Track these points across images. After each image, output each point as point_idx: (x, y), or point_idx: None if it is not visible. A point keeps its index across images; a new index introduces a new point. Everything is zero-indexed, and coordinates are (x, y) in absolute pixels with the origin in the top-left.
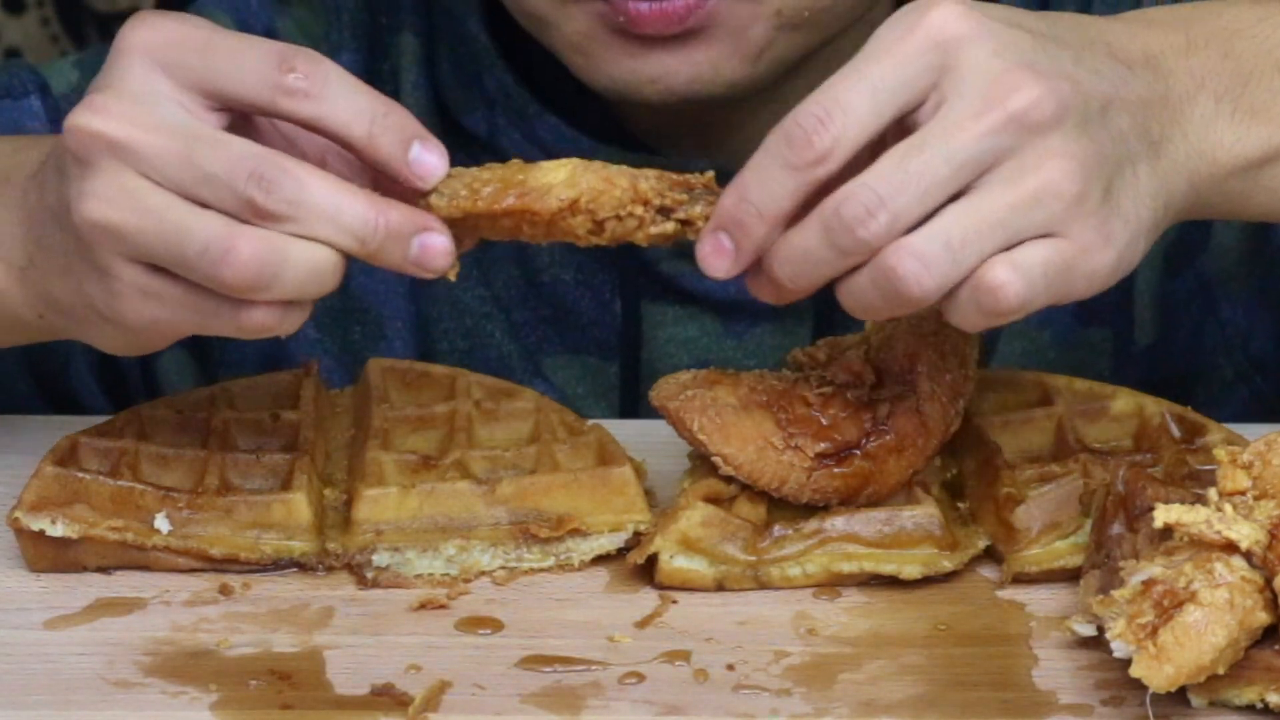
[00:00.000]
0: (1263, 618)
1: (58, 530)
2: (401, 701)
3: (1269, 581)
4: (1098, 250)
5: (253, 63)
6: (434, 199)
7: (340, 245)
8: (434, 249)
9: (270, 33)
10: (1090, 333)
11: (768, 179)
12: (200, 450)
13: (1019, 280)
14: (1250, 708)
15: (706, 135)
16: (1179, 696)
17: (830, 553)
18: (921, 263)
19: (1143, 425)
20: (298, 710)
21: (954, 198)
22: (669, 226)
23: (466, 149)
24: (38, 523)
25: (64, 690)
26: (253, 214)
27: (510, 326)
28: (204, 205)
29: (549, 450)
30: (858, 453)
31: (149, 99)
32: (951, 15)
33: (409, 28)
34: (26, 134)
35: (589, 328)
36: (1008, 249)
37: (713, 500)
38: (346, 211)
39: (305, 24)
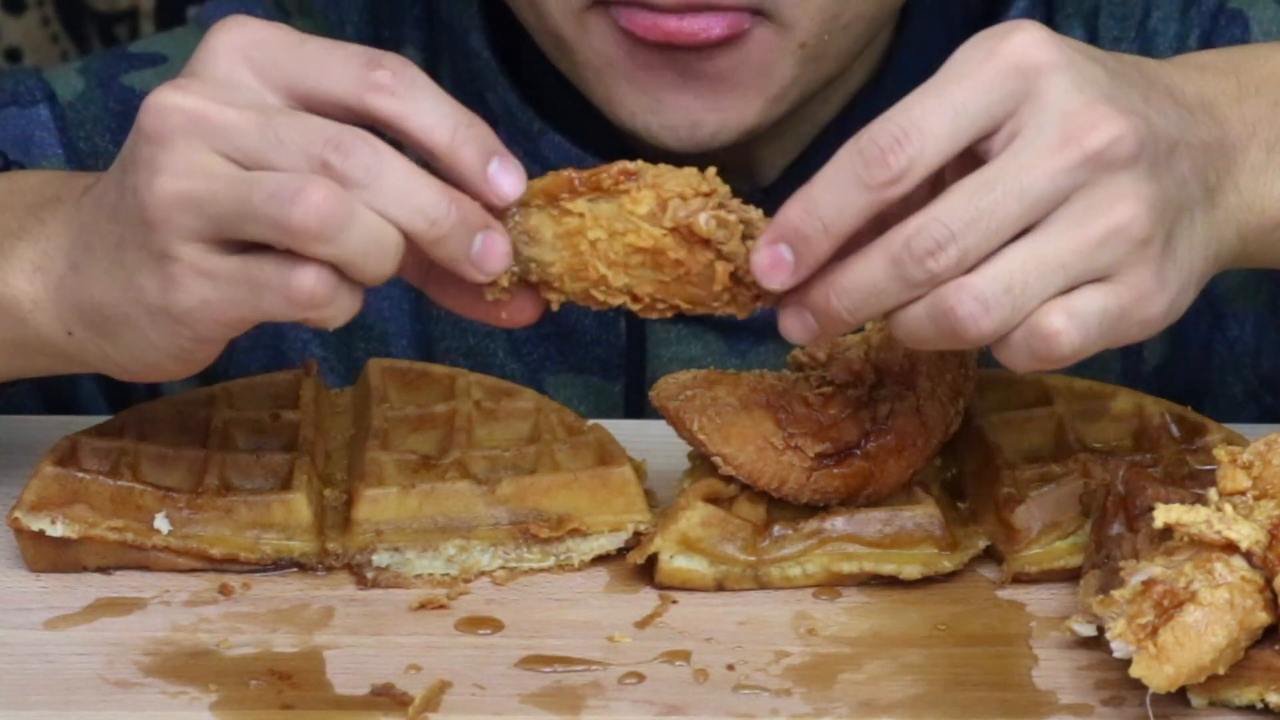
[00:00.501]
0: (1263, 618)
1: (58, 530)
2: (401, 701)
3: (1269, 581)
4: (1154, 297)
5: (341, 60)
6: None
7: (408, 225)
8: (495, 249)
9: None
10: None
11: (839, 195)
12: (200, 450)
13: (1075, 329)
14: (1250, 708)
15: (725, 156)
16: (1179, 696)
17: (830, 553)
18: (982, 305)
19: (1143, 425)
20: (298, 710)
21: (1020, 231)
22: (731, 216)
23: None
24: (38, 523)
25: (64, 690)
26: (327, 174)
27: (512, 344)
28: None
29: (549, 450)
30: (858, 453)
31: (232, 86)
32: (1035, 41)
33: (411, 43)
34: (36, 143)
35: (592, 346)
36: (1066, 291)
37: (713, 500)
38: (421, 191)
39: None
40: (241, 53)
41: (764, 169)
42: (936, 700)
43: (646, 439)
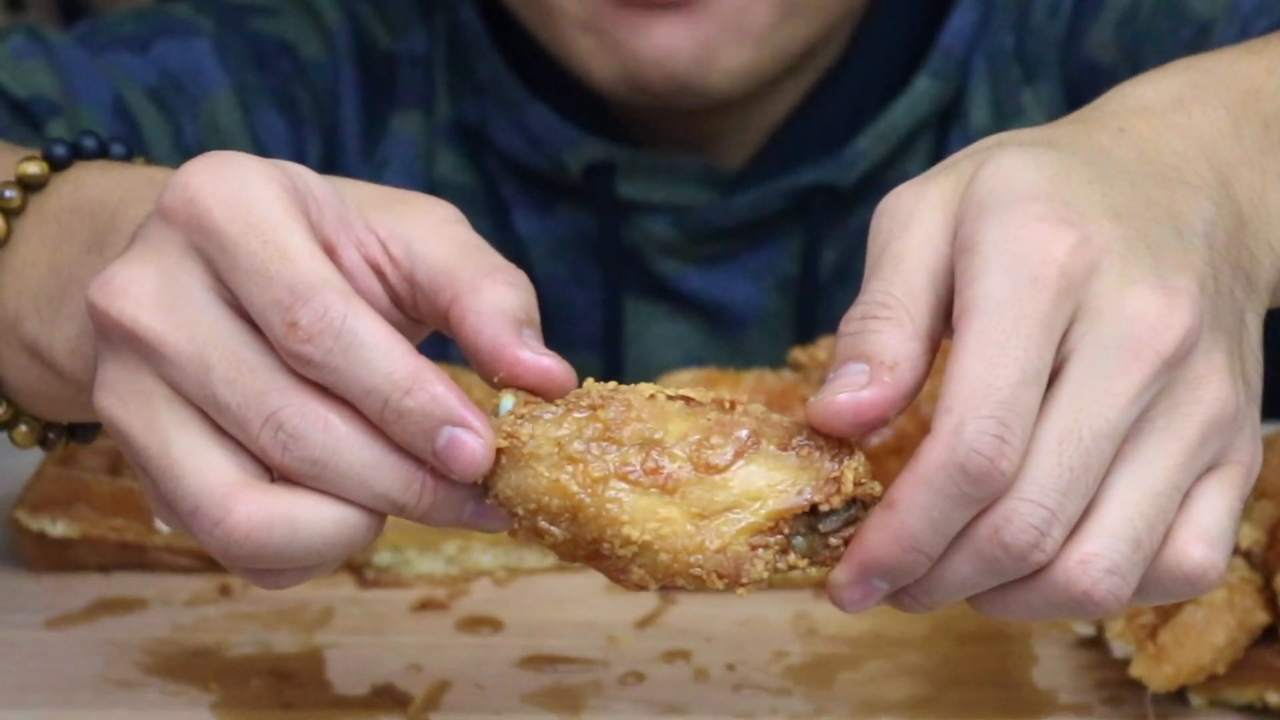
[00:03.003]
0: (1262, 618)
1: (58, 530)
2: (401, 701)
3: (1269, 581)
4: (1257, 454)
5: (262, 298)
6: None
7: (373, 507)
8: (488, 517)
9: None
10: None
11: (941, 520)
12: None
13: (1218, 554)
14: (1250, 708)
15: (698, 133)
16: (1179, 696)
17: None
18: (1119, 576)
19: None
20: (298, 710)
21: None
22: (791, 558)
23: (463, 140)
24: (38, 523)
25: (64, 690)
26: (267, 460)
27: None
28: (221, 430)
29: None
30: None
31: (178, 283)
32: (1073, 248)
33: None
34: (205, 73)
35: (577, 321)
36: (1183, 505)
37: None
38: (385, 473)
39: None
40: (189, 237)
41: (726, 158)
42: (936, 700)
43: None
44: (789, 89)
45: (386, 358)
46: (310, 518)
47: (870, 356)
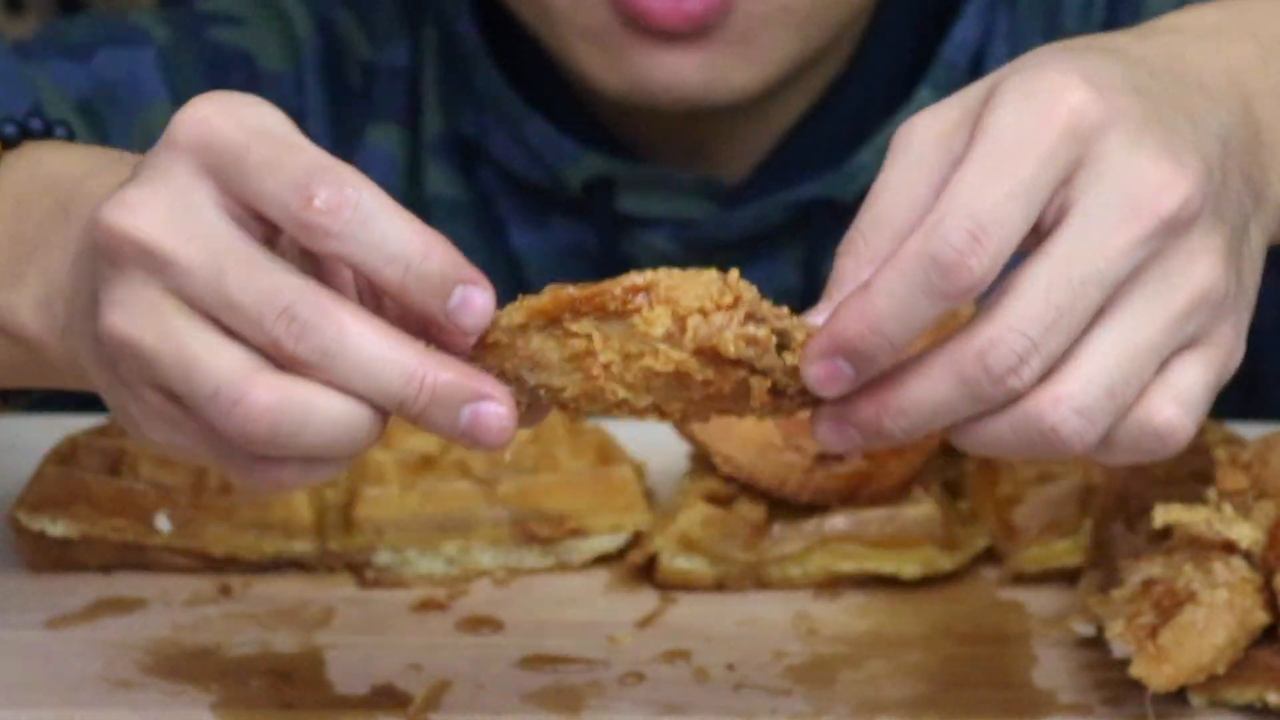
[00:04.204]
0: (1262, 618)
1: (58, 530)
2: (401, 701)
3: (1269, 581)
4: (1238, 344)
5: (276, 184)
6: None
7: (378, 403)
8: (487, 420)
9: None
10: None
11: (906, 305)
12: None
13: (1188, 416)
14: (1250, 707)
15: (695, 143)
16: (1179, 696)
17: (830, 552)
18: (1087, 420)
19: None
20: (298, 710)
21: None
22: (762, 331)
23: (455, 154)
24: (38, 523)
25: (64, 690)
26: (279, 356)
27: None
28: (232, 332)
29: (549, 450)
30: (858, 453)
31: (189, 202)
32: (1087, 99)
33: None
34: (145, 84)
35: None
36: (1160, 371)
37: (713, 500)
38: (389, 367)
39: None
40: (199, 157)
41: (727, 171)
42: (936, 700)
43: (646, 439)
44: (791, 101)
45: (403, 227)
46: (322, 405)
47: (829, 291)
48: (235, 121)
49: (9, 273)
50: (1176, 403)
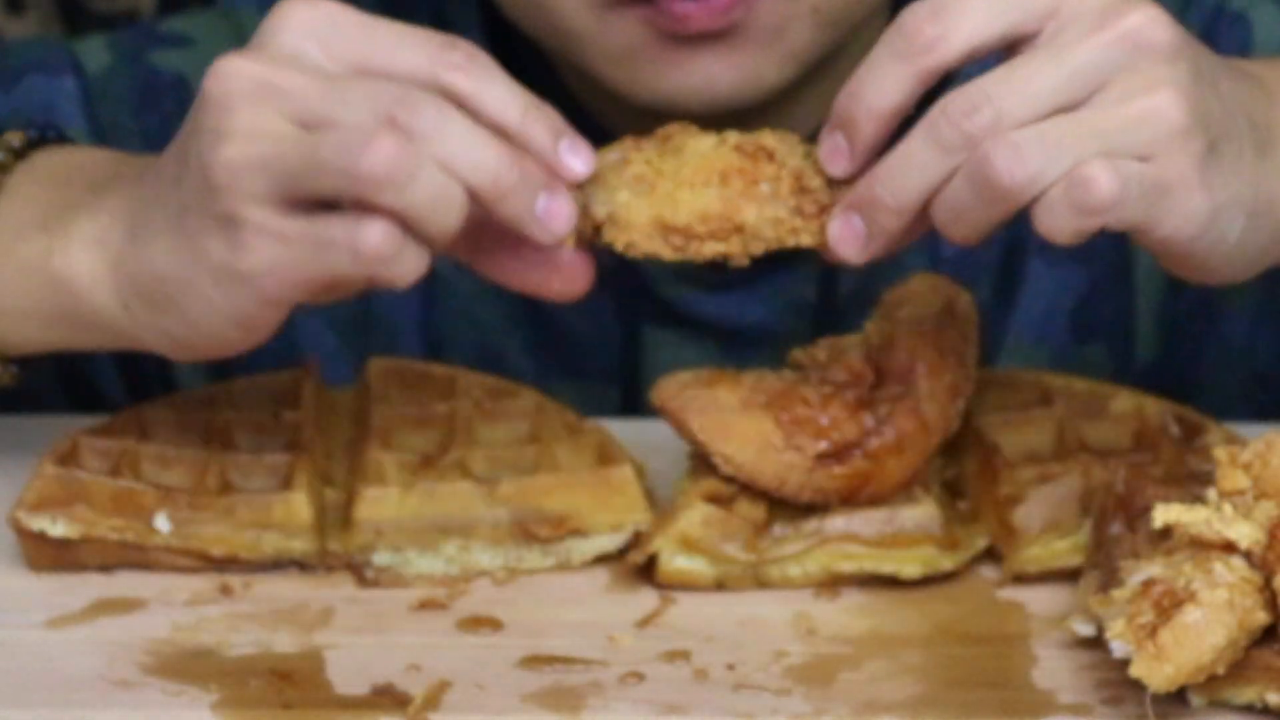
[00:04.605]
0: (1262, 618)
1: (58, 530)
2: (401, 701)
3: (1268, 581)
4: (1196, 189)
5: (415, 41)
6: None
7: (473, 179)
8: (561, 208)
9: None
10: (1087, 350)
11: (880, 72)
12: (200, 450)
13: (1115, 176)
14: (1250, 707)
15: None
16: (1179, 696)
17: (830, 552)
18: (1016, 152)
19: (1143, 425)
20: (298, 710)
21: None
22: (792, 136)
23: None
24: (38, 523)
25: (64, 690)
26: (392, 128)
27: (506, 350)
28: None
29: (549, 450)
30: (858, 453)
31: (298, 57)
32: None
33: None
34: (60, 114)
35: (590, 352)
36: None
37: (713, 500)
38: (486, 148)
39: None
40: (310, 28)
41: None
42: (936, 700)
43: (646, 439)
44: (809, 104)
45: (515, 86)
46: (430, 166)
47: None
48: (348, 9)
49: (57, 228)
50: (1107, 164)
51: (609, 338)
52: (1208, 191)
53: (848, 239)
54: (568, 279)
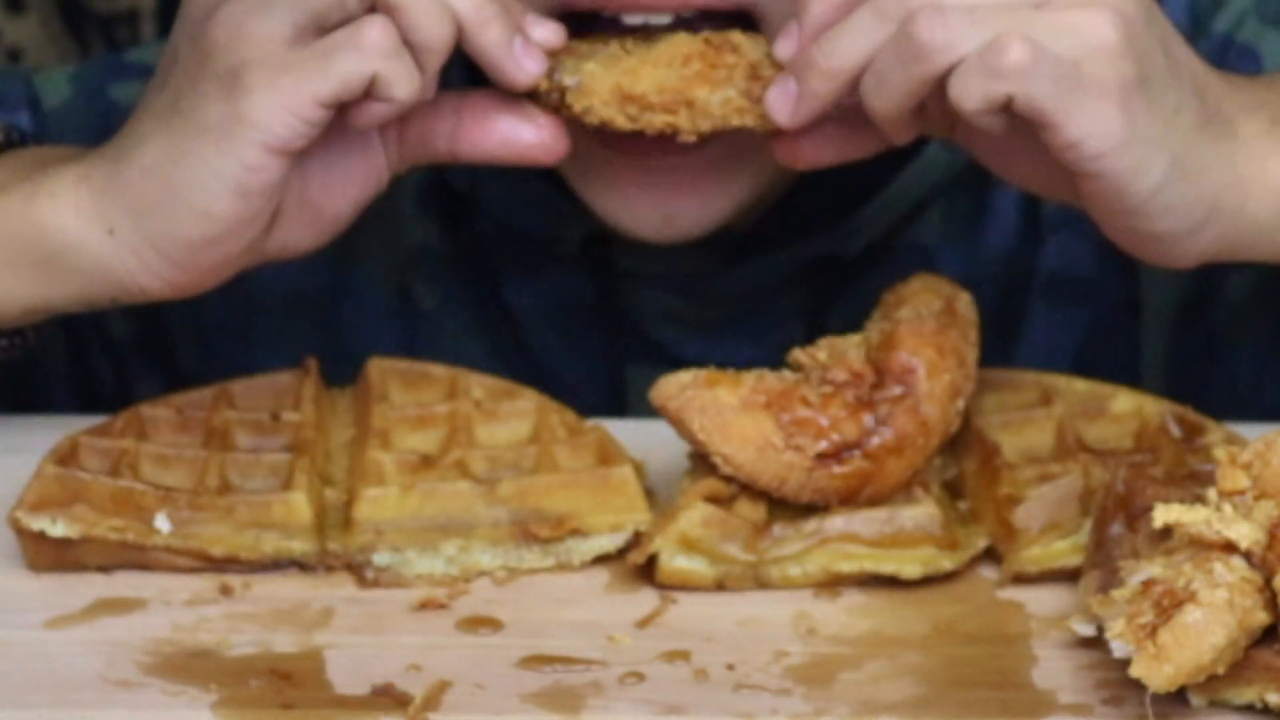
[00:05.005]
0: (1262, 618)
1: (58, 530)
2: (401, 701)
3: (1269, 581)
4: (1113, 103)
5: None
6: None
7: (457, 3)
8: (533, 51)
9: None
10: None
11: None
12: (200, 450)
13: (1029, 49)
14: (1250, 707)
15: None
16: (1179, 696)
17: (830, 552)
18: (941, 15)
19: (1143, 425)
20: (298, 710)
21: None
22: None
23: (443, 206)
24: (38, 523)
25: (64, 690)
26: None
27: None
28: None
29: (549, 450)
30: (858, 453)
31: None
32: None
33: None
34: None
35: (575, 391)
36: None
37: (713, 500)
38: None
39: None
40: None
41: (734, 224)
42: (936, 700)
43: (646, 439)
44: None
45: None
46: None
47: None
48: None
49: (39, 176)
50: (1027, 42)
51: (595, 377)
52: (1126, 113)
53: (779, 100)
54: (548, 140)
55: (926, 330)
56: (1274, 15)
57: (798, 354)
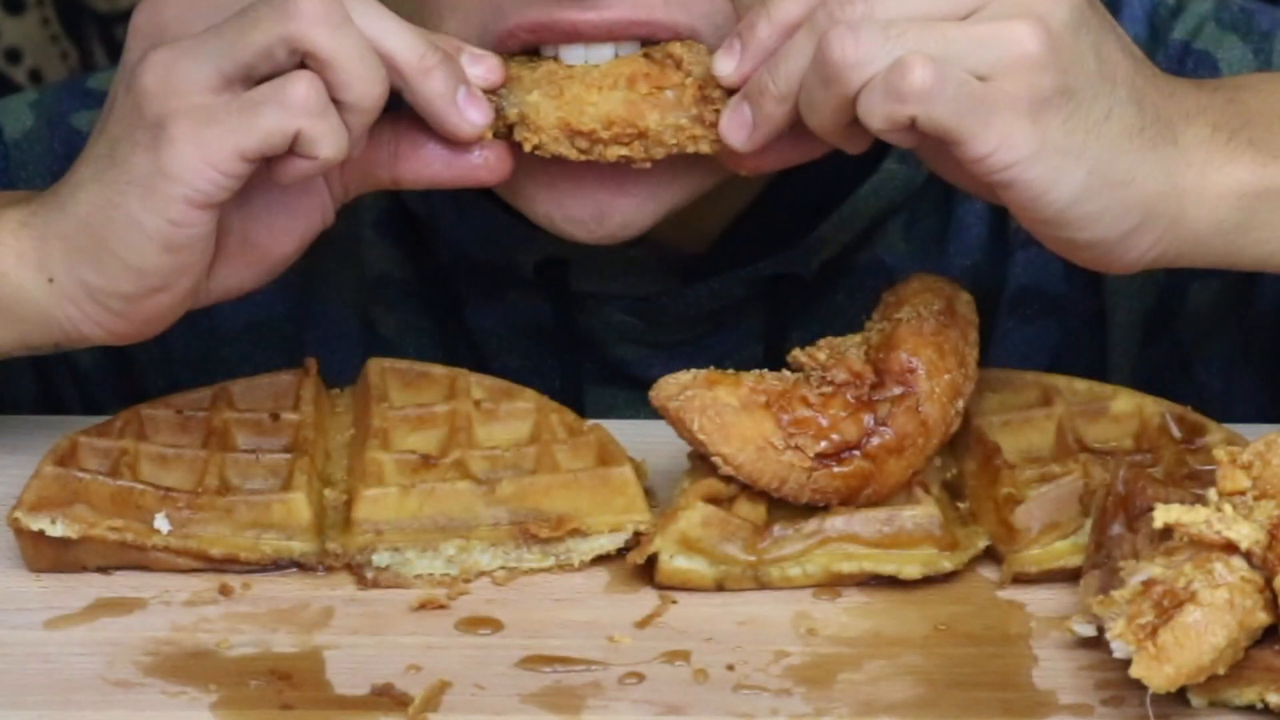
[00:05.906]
0: (1262, 618)
1: (58, 530)
2: (401, 701)
3: (1269, 581)
4: (1023, 119)
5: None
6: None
7: (398, 53)
8: (478, 101)
9: None
10: None
11: None
12: (200, 450)
13: (932, 71)
14: (1250, 708)
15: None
16: (1179, 696)
17: (830, 553)
18: (853, 34)
19: (1143, 425)
20: (298, 710)
21: None
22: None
23: (403, 231)
24: (38, 523)
25: (64, 690)
26: None
27: None
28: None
29: (549, 450)
30: (858, 453)
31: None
32: None
33: None
34: None
35: None
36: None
37: (713, 500)
38: (408, 30)
39: None
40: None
41: (684, 244)
42: (936, 700)
43: (646, 439)
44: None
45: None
46: (355, 29)
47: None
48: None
49: None
50: (930, 63)
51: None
52: (1036, 126)
53: (734, 126)
54: (491, 160)
55: (926, 330)
56: (1231, 21)
57: (798, 354)
